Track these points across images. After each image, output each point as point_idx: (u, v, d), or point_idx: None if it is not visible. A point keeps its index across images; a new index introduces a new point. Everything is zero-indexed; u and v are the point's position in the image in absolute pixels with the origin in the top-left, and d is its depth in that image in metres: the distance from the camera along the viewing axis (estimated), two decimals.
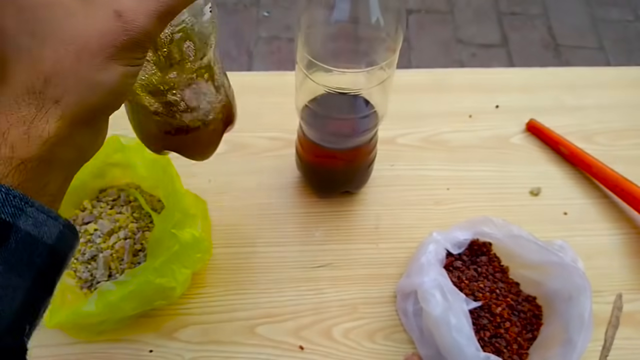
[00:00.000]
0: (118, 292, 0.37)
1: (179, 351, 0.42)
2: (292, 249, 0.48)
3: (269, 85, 0.58)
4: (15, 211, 0.20)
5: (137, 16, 0.21)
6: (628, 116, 0.58)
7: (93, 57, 0.20)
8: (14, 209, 0.20)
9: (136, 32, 0.21)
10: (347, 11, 0.34)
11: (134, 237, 0.44)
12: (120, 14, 0.21)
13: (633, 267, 0.48)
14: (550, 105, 0.59)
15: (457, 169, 0.53)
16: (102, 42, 0.20)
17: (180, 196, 0.41)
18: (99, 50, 0.20)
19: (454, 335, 0.37)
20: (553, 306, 0.42)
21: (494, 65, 1.43)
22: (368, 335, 0.43)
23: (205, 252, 0.41)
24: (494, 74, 0.62)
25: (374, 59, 0.36)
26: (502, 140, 0.56)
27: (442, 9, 1.57)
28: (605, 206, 0.52)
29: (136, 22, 0.21)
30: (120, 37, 0.21)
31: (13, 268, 0.20)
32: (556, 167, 0.54)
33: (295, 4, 0.37)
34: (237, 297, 0.45)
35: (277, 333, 0.43)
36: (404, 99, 0.58)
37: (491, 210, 0.50)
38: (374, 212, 0.50)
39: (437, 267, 0.41)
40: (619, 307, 0.45)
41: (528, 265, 0.43)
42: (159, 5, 0.21)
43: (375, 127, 0.43)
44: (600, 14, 1.56)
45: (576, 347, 0.37)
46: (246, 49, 1.44)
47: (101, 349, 0.42)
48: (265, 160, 0.53)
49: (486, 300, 0.42)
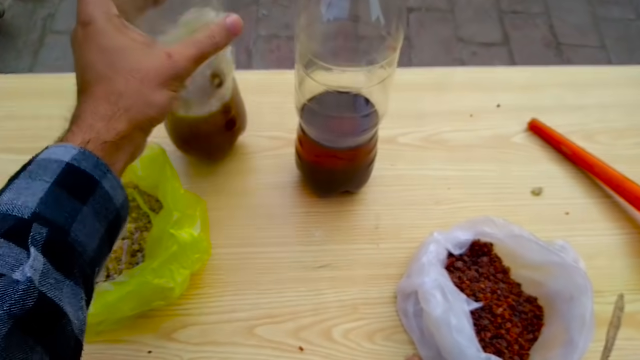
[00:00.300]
0: (116, 293, 0.37)
1: (178, 352, 0.42)
2: (291, 250, 0.47)
3: (269, 84, 0.58)
4: (101, 174, 0.28)
5: (182, 58, 0.30)
6: (630, 115, 0.58)
7: (151, 83, 0.30)
8: (101, 172, 0.28)
9: (180, 69, 0.30)
10: (347, 9, 0.34)
11: (132, 238, 0.44)
12: (170, 56, 0.30)
13: (635, 267, 0.48)
14: (552, 105, 0.58)
15: (458, 168, 0.53)
16: (158, 73, 0.30)
17: (179, 196, 0.41)
18: (155, 79, 0.30)
19: (455, 336, 0.37)
20: (554, 307, 0.42)
21: (495, 64, 1.42)
22: (368, 336, 0.43)
23: (204, 252, 0.41)
24: (496, 73, 0.61)
25: (374, 58, 0.36)
26: (503, 140, 0.55)
27: (443, 7, 1.56)
28: (607, 206, 0.51)
29: (181, 62, 0.30)
30: (170, 71, 0.30)
31: (97, 215, 0.28)
32: (558, 167, 0.54)
33: (294, 3, 0.37)
34: (236, 297, 0.45)
35: (277, 334, 0.43)
36: (405, 98, 0.58)
37: (492, 210, 0.50)
38: (374, 212, 0.50)
39: (438, 267, 0.41)
40: (620, 307, 0.45)
41: (529, 266, 0.43)
42: (197, 52, 0.31)
43: (376, 126, 0.43)
44: (602, 12, 1.56)
45: (578, 348, 0.37)
46: (245, 48, 1.44)
47: (100, 350, 0.42)
48: (265, 160, 0.53)
49: (487, 301, 0.42)
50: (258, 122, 0.55)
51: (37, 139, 0.50)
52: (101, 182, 0.28)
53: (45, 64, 1.38)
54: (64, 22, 1.47)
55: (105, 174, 0.28)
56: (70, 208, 0.26)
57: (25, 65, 1.38)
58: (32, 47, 1.42)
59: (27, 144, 0.52)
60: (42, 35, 1.45)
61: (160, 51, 0.30)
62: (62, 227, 0.26)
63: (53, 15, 1.48)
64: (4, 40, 1.43)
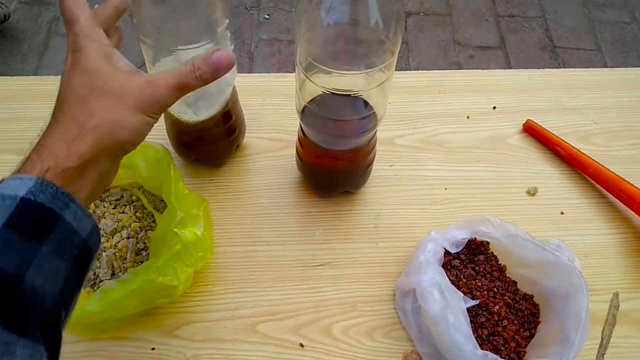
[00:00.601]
0: (121, 291, 0.37)
1: (181, 349, 0.42)
2: (292, 248, 0.48)
3: (270, 86, 0.59)
4: (62, 204, 0.25)
5: (161, 84, 0.30)
6: (625, 117, 0.59)
7: (125, 105, 0.29)
8: (61, 203, 0.25)
9: (157, 95, 0.29)
10: (347, 14, 0.34)
11: (136, 237, 0.44)
12: (150, 82, 0.29)
13: (629, 266, 0.48)
14: (547, 107, 0.59)
15: (455, 169, 0.54)
16: (134, 96, 0.29)
17: (182, 196, 0.41)
18: (130, 101, 0.29)
19: (452, 333, 0.37)
20: (550, 305, 0.43)
21: (491, 66, 1.43)
22: (367, 332, 0.44)
23: (207, 251, 0.41)
24: (492, 75, 0.62)
25: (373, 61, 0.36)
26: (499, 141, 0.56)
27: (441, 11, 1.58)
28: (601, 206, 0.52)
29: (159, 89, 0.29)
30: (146, 95, 0.29)
31: (59, 252, 0.25)
32: (553, 168, 0.55)
33: (295, 7, 0.37)
34: (238, 295, 0.45)
35: (278, 331, 0.44)
36: (403, 100, 0.58)
37: (489, 210, 0.51)
38: (373, 211, 0.51)
39: (435, 265, 0.41)
40: (615, 305, 0.45)
41: (525, 264, 0.44)
42: (177, 81, 0.30)
43: (375, 128, 0.43)
44: (597, 15, 1.57)
45: (573, 345, 0.37)
46: (247, 51, 1.45)
47: (104, 346, 0.42)
48: (266, 161, 0.54)
49: (484, 298, 0.42)
50: (259, 123, 0.56)
51: None
52: (62, 215, 0.25)
53: (50, 66, 1.39)
54: None
55: (67, 204, 0.26)
56: (24, 251, 0.24)
57: (30, 67, 1.39)
58: (37, 49, 1.42)
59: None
60: (47, 37, 1.45)
61: (141, 77, 0.30)
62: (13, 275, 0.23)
63: (58, 18, 1.49)
64: (10, 43, 1.43)
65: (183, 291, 0.41)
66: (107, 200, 0.47)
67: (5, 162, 0.52)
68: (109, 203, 0.46)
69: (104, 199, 0.47)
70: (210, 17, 0.38)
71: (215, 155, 0.51)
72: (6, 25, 1.46)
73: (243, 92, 0.50)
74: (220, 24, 0.39)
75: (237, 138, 0.51)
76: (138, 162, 0.44)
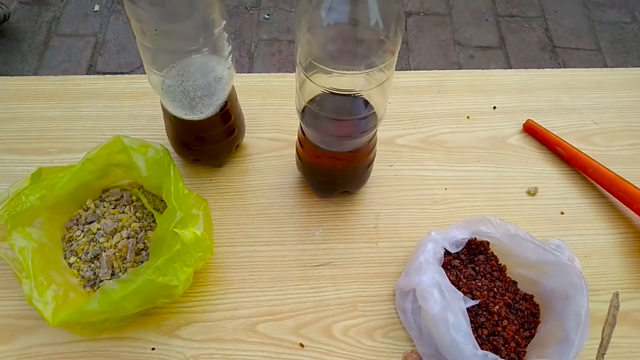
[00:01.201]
0: (121, 291, 0.37)
1: (181, 349, 0.42)
2: (292, 248, 0.48)
3: (270, 86, 0.59)
4: None
5: None
6: (625, 117, 0.59)
7: None
8: None
9: None
10: (347, 14, 0.34)
11: (136, 236, 0.44)
12: None
13: (629, 266, 0.48)
14: (547, 107, 0.59)
15: (455, 169, 0.54)
16: None
17: (182, 196, 0.41)
18: None
19: (452, 333, 0.37)
20: (550, 305, 0.43)
21: (491, 66, 1.43)
22: (367, 332, 0.44)
23: (206, 251, 0.41)
24: (492, 75, 0.62)
25: (373, 61, 0.36)
26: (499, 141, 0.56)
27: (441, 11, 1.58)
28: (601, 206, 0.52)
29: None
30: None
31: None
32: (553, 168, 0.55)
33: (295, 7, 0.37)
34: (238, 295, 0.45)
35: (278, 331, 0.44)
36: (403, 100, 0.58)
37: (489, 210, 0.51)
38: (373, 211, 0.51)
39: (435, 265, 0.41)
40: (615, 305, 0.45)
41: (525, 264, 0.44)
42: None
43: (375, 127, 0.43)
44: (597, 15, 1.57)
45: (573, 345, 0.37)
46: (247, 51, 1.45)
47: (104, 346, 0.42)
48: (266, 161, 0.54)
49: (484, 298, 0.42)
50: (259, 123, 0.56)
51: (42, 140, 0.51)
52: None
53: (49, 66, 1.39)
54: (69, 25, 1.47)
55: None
56: None
57: (30, 67, 1.39)
58: (37, 49, 1.42)
59: (32, 145, 0.53)
60: (47, 38, 1.45)
61: None
62: None
63: (58, 18, 1.49)
64: (10, 43, 1.43)
65: (183, 291, 0.41)
66: (107, 200, 0.47)
67: (5, 162, 0.52)
68: (109, 203, 0.46)
69: (104, 199, 0.47)
70: (207, 19, 0.38)
71: (215, 155, 0.51)
72: (6, 25, 1.46)
73: (243, 92, 0.50)
74: (218, 25, 0.39)
75: (236, 138, 0.51)
76: (138, 162, 0.44)
